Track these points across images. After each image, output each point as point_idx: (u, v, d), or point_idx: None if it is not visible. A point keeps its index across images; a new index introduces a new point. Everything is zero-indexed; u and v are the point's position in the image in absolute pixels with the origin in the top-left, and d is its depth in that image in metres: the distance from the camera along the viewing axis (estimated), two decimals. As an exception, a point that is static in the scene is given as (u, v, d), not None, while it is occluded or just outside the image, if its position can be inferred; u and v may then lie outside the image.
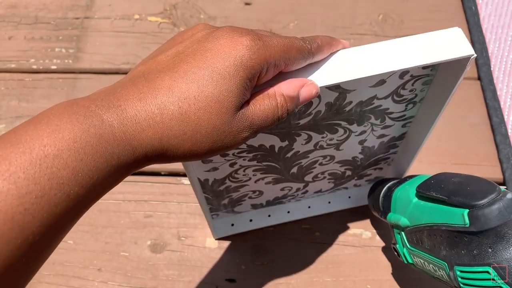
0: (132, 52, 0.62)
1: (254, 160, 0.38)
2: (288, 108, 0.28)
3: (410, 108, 0.38)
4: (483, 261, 0.30)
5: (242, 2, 0.66)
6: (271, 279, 0.48)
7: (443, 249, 0.33)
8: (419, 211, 0.36)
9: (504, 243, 0.29)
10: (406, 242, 0.38)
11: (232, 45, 0.25)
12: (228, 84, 0.25)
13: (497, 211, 0.29)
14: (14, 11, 0.66)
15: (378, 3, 0.66)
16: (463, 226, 0.31)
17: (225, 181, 0.40)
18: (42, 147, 0.21)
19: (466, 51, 0.30)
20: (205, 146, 0.26)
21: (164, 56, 0.26)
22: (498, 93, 0.58)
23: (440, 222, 0.33)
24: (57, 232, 0.22)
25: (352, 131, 0.38)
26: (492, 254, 0.30)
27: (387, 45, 0.31)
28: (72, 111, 0.23)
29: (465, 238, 0.31)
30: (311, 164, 0.42)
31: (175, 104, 0.24)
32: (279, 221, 0.50)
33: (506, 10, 0.64)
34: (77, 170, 0.22)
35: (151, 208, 0.52)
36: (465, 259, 0.31)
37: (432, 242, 0.35)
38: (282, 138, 0.36)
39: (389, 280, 0.48)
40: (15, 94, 0.59)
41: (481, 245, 0.30)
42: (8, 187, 0.20)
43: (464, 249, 0.31)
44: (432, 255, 0.35)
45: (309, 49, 0.28)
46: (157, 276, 0.48)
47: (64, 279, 0.48)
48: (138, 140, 0.24)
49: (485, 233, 0.30)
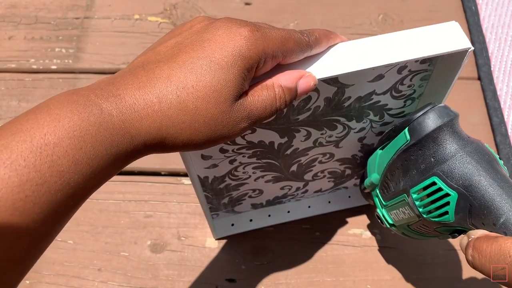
0: (132, 52, 0.62)
1: (254, 157, 0.38)
2: (286, 99, 0.28)
3: (408, 104, 0.38)
4: (429, 172, 0.31)
5: (242, 2, 0.66)
6: (271, 279, 0.48)
7: (401, 181, 0.34)
8: (382, 159, 0.37)
9: (441, 147, 0.31)
10: (381, 199, 0.38)
11: (231, 35, 0.25)
12: (226, 74, 0.25)
13: (429, 118, 0.31)
14: (14, 11, 0.66)
15: (378, 3, 0.66)
16: (406, 143, 0.32)
17: (225, 178, 0.40)
18: (42, 136, 0.21)
19: (463, 44, 0.31)
20: (204, 135, 0.26)
21: (163, 46, 0.27)
22: (498, 93, 0.58)
23: (393, 153, 0.34)
24: (58, 219, 0.22)
25: (351, 128, 0.38)
26: (435, 163, 0.31)
27: (384, 39, 0.31)
28: (72, 100, 0.23)
29: (412, 157, 0.32)
30: (311, 162, 0.42)
31: (173, 93, 0.25)
32: (279, 221, 0.50)
33: (506, 10, 0.64)
34: (76, 158, 0.22)
35: (151, 208, 0.52)
36: (416, 178, 0.32)
37: (394, 181, 0.35)
38: (281, 134, 0.36)
39: (389, 280, 0.48)
40: (15, 94, 0.59)
41: (425, 157, 0.31)
42: (9, 174, 0.20)
43: (414, 169, 0.32)
44: (396, 196, 0.35)
45: (307, 41, 0.28)
46: (157, 276, 0.48)
47: (64, 279, 0.48)
48: (136, 128, 0.24)
49: (426, 144, 0.31)
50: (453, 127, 0.31)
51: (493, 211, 0.28)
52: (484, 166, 0.29)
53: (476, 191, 0.29)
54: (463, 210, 0.29)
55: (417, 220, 0.34)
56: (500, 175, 0.29)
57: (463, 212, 0.29)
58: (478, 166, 0.29)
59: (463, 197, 0.29)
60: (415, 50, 0.30)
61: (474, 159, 0.29)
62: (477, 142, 0.31)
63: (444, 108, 0.32)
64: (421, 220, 0.33)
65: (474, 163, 0.29)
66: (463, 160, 0.30)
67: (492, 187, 0.28)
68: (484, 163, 0.29)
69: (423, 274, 0.48)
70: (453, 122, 0.31)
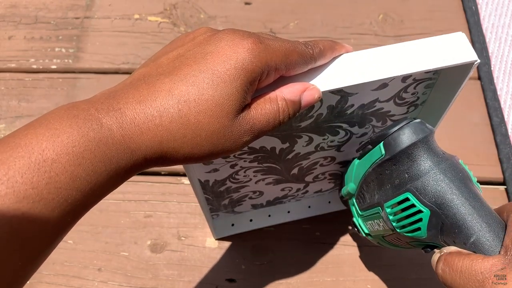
0: (132, 52, 0.62)
1: (255, 161, 0.38)
2: (289, 112, 0.28)
3: (412, 110, 0.38)
4: (402, 188, 0.31)
5: (242, 1, 0.66)
6: (271, 279, 0.48)
7: (376, 194, 0.34)
8: (359, 169, 0.36)
9: (415, 164, 0.30)
10: (357, 208, 0.38)
11: (233, 48, 0.25)
12: (229, 88, 0.25)
13: (404, 134, 0.31)
14: (14, 11, 0.66)
15: (378, 3, 0.66)
16: (381, 157, 0.32)
17: (226, 182, 0.40)
18: (41, 151, 0.21)
19: (470, 56, 0.30)
20: (205, 149, 0.25)
21: (165, 58, 0.26)
22: (498, 93, 0.58)
23: (369, 166, 0.34)
24: (55, 236, 0.22)
25: (354, 133, 0.38)
26: (409, 179, 0.30)
27: (390, 50, 0.30)
28: (72, 115, 0.23)
29: (386, 171, 0.32)
30: (312, 165, 0.42)
31: (175, 107, 0.24)
32: (279, 221, 0.50)
33: (506, 9, 0.64)
34: (75, 174, 0.22)
35: (151, 208, 0.52)
36: (390, 192, 0.32)
37: (369, 193, 0.35)
38: (283, 140, 0.36)
39: (389, 280, 0.48)
40: (15, 94, 0.59)
41: (399, 173, 0.31)
42: (6, 191, 0.20)
43: (388, 183, 0.32)
44: (371, 207, 0.35)
45: (311, 54, 0.28)
46: (157, 276, 0.48)
47: (64, 279, 0.48)
48: (137, 143, 0.24)
49: (400, 159, 0.31)
50: (428, 144, 0.31)
51: (464, 230, 0.28)
52: (457, 184, 0.29)
53: (449, 209, 0.29)
54: (435, 227, 0.29)
55: (391, 233, 0.33)
56: (473, 194, 0.29)
57: (435, 229, 0.29)
58: (451, 184, 0.29)
59: (436, 215, 0.29)
60: (421, 62, 0.30)
61: (448, 177, 0.29)
62: (452, 159, 0.31)
63: (419, 124, 0.31)
64: (395, 234, 0.33)
65: (448, 181, 0.29)
66: (437, 178, 0.29)
67: (464, 206, 0.28)
68: (457, 181, 0.29)
69: (423, 274, 0.48)
70: (428, 138, 0.31)
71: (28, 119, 0.57)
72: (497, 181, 0.53)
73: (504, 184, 0.53)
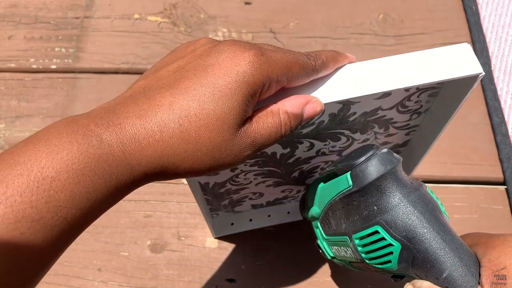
0: (132, 52, 0.62)
1: (255, 165, 0.38)
2: (291, 125, 0.27)
3: (415, 118, 0.38)
4: (372, 221, 0.30)
5: (242, 1, 0.66)
6: (271, 279, 0.48)
7: (343, 223, 0.33)
8: (323, 194, 0.36)
9: (384, 196, 0.30)
10: (322, 232, 0.37)
11: (234, 60, 0.25)
12: (230, 101, 0.24)
13: (372, 165, 0.30)
14: (14, 10, 0.66)
15: (378, 2, 0.66)
16: (348, 188, 0.31)
17: (226, 184, 0.40)
18: (40, 169, 0.21)
19: (475, 69, 0.30)
20: (206, 164, 0.25)
21: (165, 71, 0.26)
22: (499, 92, 0.58)
23: (335, 194, 0.33)
24: (54, 254, 0.22)
25: (355, 139, 0.38)
26: (378, 211, 0.30)
27: (394, 61, 0.30)
28: (72, 130, 0.22)
29: (354, 203, 0.31)
30: (313, 169, 0.42)
31: (176, 122, 0.24)
32: (279, 221, 0.50)
33: (506, 9, 0.64)
34: (74, 192, 0.21)
35: (151, 208, 0.52)
36: (358, 224, 0.31)
37: (335, 220, 0.34)
38: (284, 145, 0.36)
39: (389, 280, 0.47)
40: (15, 94, 0.59)
41: (368, 204, 0.30)
42: (5, 211, 0.20)
43: (356, 214, 0.31)
44: (338, 235, 0.34)
45: (314, 65, 0.28)
46: (157, 276, 0.48)
47: (64, 279, 0.48)
48: (137, 159, 0.23)
49: (368, 191, 0.30)
50: (396, 175, 0.30)
51: (436, 266, 0.28)
52: (427, 217, 0.29)
53: (420, 244, 0.28)
54: (406, 261, 0.29)
55: (359, 262, 0.33)
56: (443, 227, 0.29)
57: (406, 262, 0.29)
58: (421, 217, 0.28)
59: (407, 249, 0.29)
60: (425, 74, 0.29)
61: (418, 209, 0.29)
62: (420, 189, 0.30)
63: (387, 154, 0.30)
64: (364, 263, 0.32)
65: (418, 213, 0.29)
66: (407, 211, 0.29)
67: (435, 240, 0.28)
68: (427, 213, 0.29)
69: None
70: (396, 169, 0.30)
71: (28, 119, 0.57)
72: (497, 181, 0.53)
73: (504, 184, 0.53)
